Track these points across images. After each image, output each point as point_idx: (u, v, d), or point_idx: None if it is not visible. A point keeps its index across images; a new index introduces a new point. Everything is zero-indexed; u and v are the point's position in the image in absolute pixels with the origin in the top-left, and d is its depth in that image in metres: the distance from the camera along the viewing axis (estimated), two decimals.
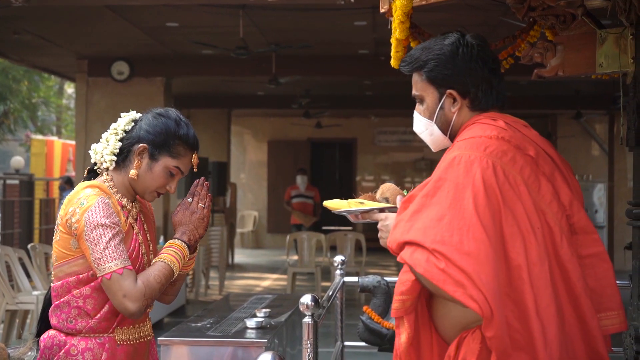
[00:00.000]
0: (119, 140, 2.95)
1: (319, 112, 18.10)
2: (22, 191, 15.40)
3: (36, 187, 16.08)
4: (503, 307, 2.29)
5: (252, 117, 21.56)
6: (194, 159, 3.01)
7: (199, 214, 2.98)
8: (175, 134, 2.94)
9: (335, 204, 2.90)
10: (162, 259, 2.87)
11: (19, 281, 9.31)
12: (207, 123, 18.75)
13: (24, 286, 9.30)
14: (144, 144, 2.92)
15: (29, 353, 2.64)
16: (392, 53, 4.06)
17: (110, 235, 2.78)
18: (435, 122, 2.66)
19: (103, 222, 2.78)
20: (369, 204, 2.84)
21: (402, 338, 2.53)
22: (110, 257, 2.76)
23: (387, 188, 2.91)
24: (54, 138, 22.78)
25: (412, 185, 2.94)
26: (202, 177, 3.08)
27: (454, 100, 2.61)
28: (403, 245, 2.39)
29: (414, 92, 2.70)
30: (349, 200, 2.89)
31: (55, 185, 17.48)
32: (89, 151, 3.04)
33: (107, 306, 2.85)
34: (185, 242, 2.94)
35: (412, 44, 4.44)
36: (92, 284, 2.84)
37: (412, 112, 2.77)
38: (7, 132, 22.40)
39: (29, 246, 10.18)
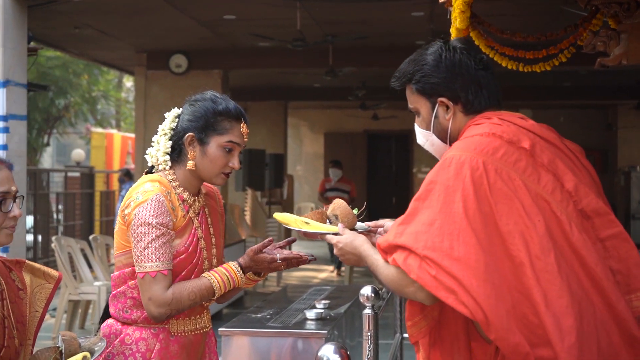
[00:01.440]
0: (169, 139, 2.98)
1: (375, 103, 18.04)
2: (82, 183, 15.65)
3: (96, 180, 16.33)
4: (511, 306, 2.27)
5: (308, 109, 21.58)
6: (243, 128, 3.00)
7: (272, 264, 2.96)
8: (214, 111, 2.94)
9: (283, 218, 2.93)
10: (209, 277, 2.87)
11: (81, 272, 9.46)
12: (264, 115, 18.82)
13: (85, 277, 9.45)
14: (191, 133, 2.93)
15: (99, 343, 2.68)
16: None
17: (154, 235, 2.80)
18: (433, 132, 2.66)
19: (150, 222, 2.80)
20: (314, 225, 2.84)
21: None
22: (148, 257, 2.79)
23: (338, 206, 2.92)
24: (114, 131, 23.10)
25: (365, 204, 2.98)
26: (306, 259, 3.00)
27: (447, 107, 2.59)
28: (395, 247, 2.39)
29: (409, 105, 2.71)
30: (296, 217, 2.90)
31: (115, 178, 17.73)
32: (145, 156, 3.07)
33: None
34: (241, 268, 2.93)
35: (471, 34, 4.41)
36: None
37: None
38: (67, 125, 22.76)
39: (90, 237, 10.34)
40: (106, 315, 3.03)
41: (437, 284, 2.27)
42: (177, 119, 3.01)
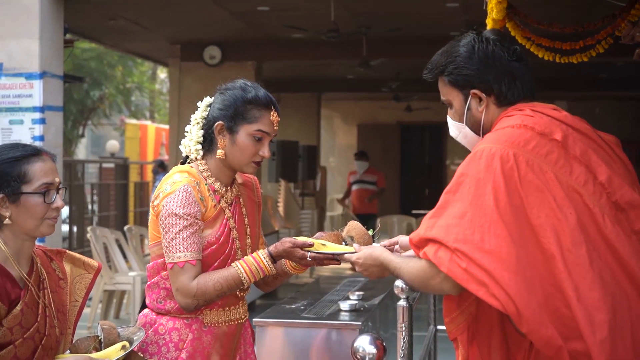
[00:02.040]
0: (200, 129, 2.98)
1: (408, 95, 17.98)
2: (117, 174, 15.75)
3: (130, 171, 16.42)
4: (543, 299, 2.26)
5: (341, 101, 21.55)
6: (273, 117, 2.98)
7: (303, 261, 2.93)
8: (243, 99, 2.93)
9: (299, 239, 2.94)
10: (236, 268, 2.86)
11: (116, 262, 9.53)
12: (297, 107, 18.83)
13: (120, 267, 9.52)
14: (220, 122, 2.93)
15: (138, 333, 2.71)
16: None
17: (182, 226, 2.80)
18: (466, 124, 2.64)
19: (177, 212, 2.80)
20: (331, 247, 2.88)
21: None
22: (176, 248, 2.80)
23: (353, 227, 2.97)
24: (148, 122, 23.25)
25: (377, 227, 3.05)
26: (335, 259, 2.94)
27: (480, 99, 2.58)
28: (426, 241, 2.38)
29: (441, 97, 2.69)
30: (313, 240, 2.93)
31: (149, 169, 17.84)
32: (180, 146, 3.08)
33: None
34: (271, 258, 2.91)
35: (507, 25, 4.38)
36: None
37: None
38: (102, 116, 22.94)
39: (125, 228, 10.42)
40: (144, 305, 3.05)
41: (468, 277, 2.26)
42: (208, 108, 3.01)
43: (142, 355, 2.77)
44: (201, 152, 2.97)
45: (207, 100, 3.03)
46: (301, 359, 4.08)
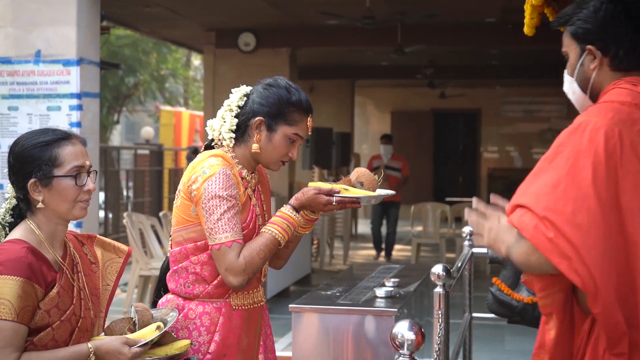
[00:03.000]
0: (235, 117, 2.99)
1: (443, 82, 17.91)
2: (152, 161, 15.84)
3: (165, 157, 16.50)
4: (616, 283, 2.21)
5: (375, 88, 21.51)
6: (309, 122, 3.02)
7: (327, 206, 2.93)
8: (288, 101, 2.96)
9: (319, 185, 2.96)
10: (269, 231, 2.88)
11: (151, 247, 9.60)
12: (330, 94, 18.82)
13: (156, 252, 9.59)
14: (260, 117, 2.95)
15: (171, 314, 2.73)
16: (526, 20, 3.96)
17: (226, 207, 2.82)
18: (575, 79, 2.58)
19: (220, 194, 2.82)
20: (353, 190, 2.93)
21: (551, 334, 2.47)
22: (222, 229, 2.81)
23: (362, 173, 2.99)
24: (182, 109, 23.34)
25: (382, 171, 2.97)
26: (358, 202, 2.95)
27: (594, 57, 2.52)
28: (515, 207, 2.32)
29: (562, 49, 2.64)
30: (333, 184, 2.95)
31: (183, 155, 17.91)
32: (206, 128, 3.09)
33: None
34: (295, 210, 2.93)
35: (545, 11, 4.33)
36: (209, 250, 2.89)
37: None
38: (137, 103, 23.07)
39: (160, 214, 10.49)
40: (159, 292, 3.08)
41: (552, 248, 2.20)
42: (245, 98, 3.02)
43: (175, 335, 2.79)
44: (233, 141, 2.99)
45: (245, 89, 3.04)
46: (337, 344, 4.09)
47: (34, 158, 2.55)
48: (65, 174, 2.56)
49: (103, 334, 2.66)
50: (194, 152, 14.60)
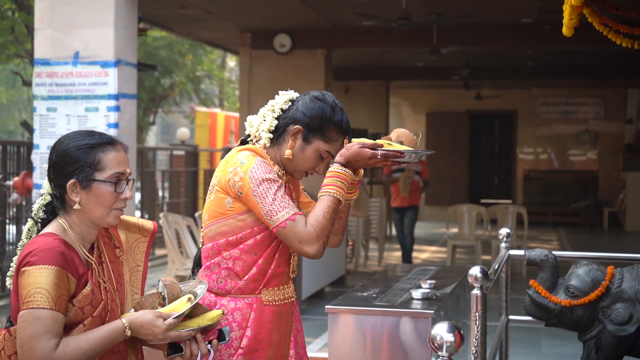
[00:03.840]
0: (275, 118, 3.02)
1: (478, 83, 17.82)
2: (187, 161, 15.92)
3: (200, 158, 16.56)
4: None
5: (410, 89, 21.45)
6: (345, 143, 3.04)
7: (372, 160, 2.95)
8: (330, 119, 2.99)
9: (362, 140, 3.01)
10: (326, 193, 2.91)
11: (187, 248, 9.65)
12: (365, 95, 18.80)
13: (192, 252, 9.63)
14: (299, 126, 2.99)
15: (200, 286, 2.75)
16: (565, 21, 3.94)
17: (276, 187, 2.87)
18: None
19: (267, 177, 2.87)
20: (396, 146, 2.97)
21: None
22: (280, 206, 2.85)
23: (402, 133, 3.04)
24: (217, 110, 23.42)
25: (419, 135, 3.07)
26: (403, 156, 2.96)
27: None
28: None
29: None
30: (377, 140, 3.00)
31: (218, 156, 17.97)
32: (245, 122, 3.12)
33: (255, 268, 2.96)
34: (344, 167, 2.95)
35: (585, 11, 4.29)
36: (241, 246, 2.94)
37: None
38: (172, 104, 23.19)
39: (196, 214, 10.54)
40: None
41: None
42: (290, 103, 3.05)
43: (206, 307, 2.81)
44: (269, 142, 3.03)
45: (292, 94, 3.08)
46: (373, 346, 4.09)
47: (77, 159, 2.57)
48: (105, 179, 2.58)
49: (133, 310, 2.69)
50: (228, 153, 14.67)
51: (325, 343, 7.37)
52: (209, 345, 2.72)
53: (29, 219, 2.67)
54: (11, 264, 2.58)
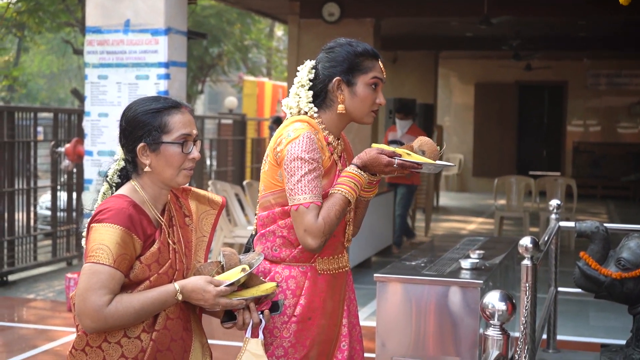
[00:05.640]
0: (309, 90, 3.05)
1: (529, 54, 17.59)
2: (235, 130, 15.97)
3: (248, 127, 16.61)
4: None
5: (459, 59, 21.27)
6: (381, 64, 3.08)
7: (388, 167, 2.94)
8: (355, 53, 3.03)
9: (382, 147, 2.99)
10: (339, 191, 2.92)
11: (235, 216, 9.72)
12: (414, 65, 18.68)
13: (240, 221, 9.71)
14: (337, 78, 3.01)
15: (257, 257, 2.81)
16: None
17: (307, 169, 2.87)
18: None
19: (302, 156, 2.87)
20: (415, 156, 2.95)
21: None
22: (301, 190, 2.86)
23: (425, 142, 3.02)
24: (265, 79, 23.44)
25: (444, 145, 2.93)
26: (420, 167, 2.95)
27: None
28: None
29: None
30: (396, 148, 2.98)
31: (266, 125, 18.02)
32: (282, 107, 3.15)
33: None
34: (359, 169, 2.95)
35: None
36: None
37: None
38: (220, 73, 23.26)
39: (244, 183, 10.61)
40: None
41: None
42: (314, 70, 3.08)
43: (262, 279, 2.84)
44: (314, 112, 3.04)
45: (310, 63, 3.10)
46: (421, 315, 4.10)
47: (144, 123, 2.65)
48: (172, 140, 2.66)
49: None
50: (276, 122, 14.71)
51: (372, 312, 7.40)
52: (261, 315, 2.77)
53: (104, 183, 2.77)
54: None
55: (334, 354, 3.09)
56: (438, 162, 2.99)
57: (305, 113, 3.05)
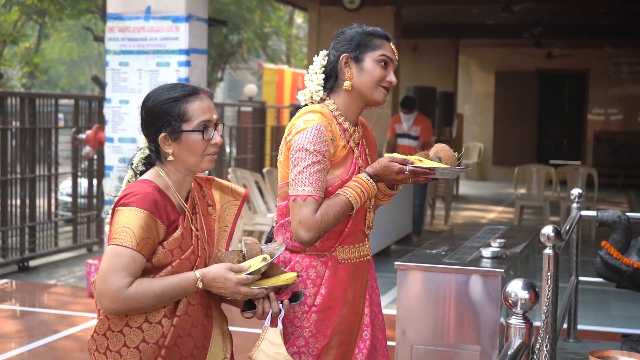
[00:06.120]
0: (322, 74, 3.05)
1: (550, 42, 17.49)
2: (254, 118, 15.97)
3: (268, 115, 16.61)
4: None
5: (479, 47, 21.16)
6: (393, 47, 3.06)
7: (400, 175, 2.93)
8: (363, 32, 3.03)
9: (395, 156, 2.97)
10: (345, 193, 2.90)
11: (255, 203, 9.73)
12: (434, 53, 18.61)
13: (259, 208, 9.72)
14: (344, 54, 3.01)
15: (279, 248, 2.81)
16: None
17: (310, 161, 2.86)
18: None
19: (307, 147, 2.87)
20: (427, 162, 2.92)
21: None
22: (302, 181, 2.86)
23: (441, 148, 3.00)
24: (284, 67, 23.43)
25: (462, 151, 2.90)
26: (433, 174, 2.93)
27: None
28: None
29: None
30: (409, 156, 2.96)
31: (286, 113, 18.02)
32: (298, 96, 3.14)
33: None
34: (370, 177, 2.94)
35: None
36: None
37: None
38: (240, 61, 23.25)
39: (264, 170, 10.62)
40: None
41: None
42: (327, 57, 3.08)
43: (283, 269, 2.85)
44: (321, 94, 3.04)
45: (324, 51, 3.11)
46: (441, 303, 4.09)
47: (164, 113, 2.66)
48: (193, 128, 2.66)
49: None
50: (296, 110, 14.71)
51: (392, 300, 7.39)
52: (280, 305, 2.77)
53: (129, 170, 2.80)
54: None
55: (356, 343, 3.09)
56: (450, 167, 2.95)
57: (319, 102, 3.05)
